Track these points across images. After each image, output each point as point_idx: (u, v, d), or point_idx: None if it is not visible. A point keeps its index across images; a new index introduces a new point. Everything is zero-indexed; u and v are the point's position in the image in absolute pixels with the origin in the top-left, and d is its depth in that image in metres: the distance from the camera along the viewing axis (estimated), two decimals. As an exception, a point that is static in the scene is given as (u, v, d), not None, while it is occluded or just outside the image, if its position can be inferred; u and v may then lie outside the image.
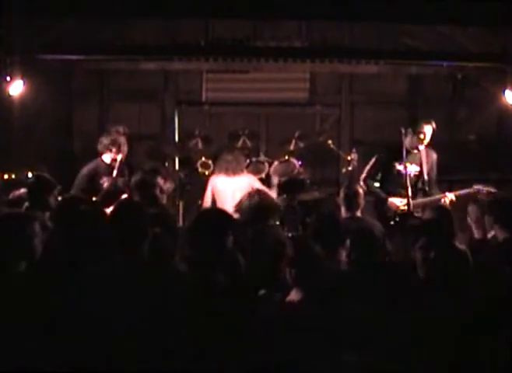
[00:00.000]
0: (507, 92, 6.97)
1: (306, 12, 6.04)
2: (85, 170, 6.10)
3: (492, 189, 5.60)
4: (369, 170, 6.01)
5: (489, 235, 4.57)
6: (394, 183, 5.87)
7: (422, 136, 5.82)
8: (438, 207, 4.87)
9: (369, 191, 5.69)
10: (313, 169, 8.02)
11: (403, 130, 5.74)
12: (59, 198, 4.92)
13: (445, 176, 6.45)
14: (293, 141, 7.80)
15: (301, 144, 7.81)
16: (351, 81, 9.18)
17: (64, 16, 6.79)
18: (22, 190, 5.16)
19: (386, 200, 5.79)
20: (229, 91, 9.02)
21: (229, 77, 8.95)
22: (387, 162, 5.92)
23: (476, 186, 5.62)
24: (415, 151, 5.89)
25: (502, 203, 4.34)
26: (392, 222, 5.75)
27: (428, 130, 5.85)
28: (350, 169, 7.46)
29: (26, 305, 3.08)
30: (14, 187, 5.48)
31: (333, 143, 7.81)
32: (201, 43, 8.32)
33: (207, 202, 6.75)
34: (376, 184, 5.95)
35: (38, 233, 3.34)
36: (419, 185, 5.85)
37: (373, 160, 6.04)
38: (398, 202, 5.78)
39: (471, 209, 4.65)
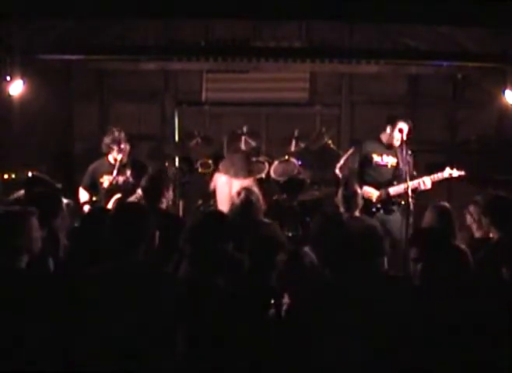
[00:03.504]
0: (507, 92, 6.97)
1: (306, 12, 6.02)
2: (89, 168, 6.28)
3: (463, 173, 5.91)
4: (346, 159, 6.30)
5: (491, 235, 4.56)
6: (373, 173, 6.18)
7: (396, 133, 6.05)
8: (438, 207, 4.86)
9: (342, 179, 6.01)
10: (313, 169, 8.02)
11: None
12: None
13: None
14: (293, 141, 7.81)
15: (301, 144, 7.82)
16: (351, 81, 9.18)
17: (64, 16, 6.78)
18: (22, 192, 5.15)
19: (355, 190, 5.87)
20: (229, 91, 9.02)
21: (229, 77, 8.95)
22: (365, 153, 6.21)
23: (448, 171, 5.93)
24: (392, 146, 6.16)
25: (497, 202, 4.34)
26: (374, 209, 6.03)
27: (403, 126, 6.04)
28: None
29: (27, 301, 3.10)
30: (14, 187, 5.48)
31: (333, 143, 7.81)
32: (201, 43, 8.34)
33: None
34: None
35: (37, 228, 3.34)
36: (396, 174, 6.12)
37: (351, 150, 6.33)
38: (372, 190, 6.07)
39: (473, 209, 4.64)
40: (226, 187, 6.59)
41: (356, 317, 3.29)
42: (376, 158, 6.19)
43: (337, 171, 6.30)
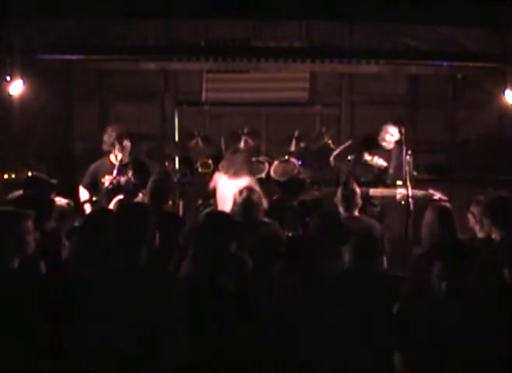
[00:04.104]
0: (507, 92, 6.97)
1: (306, 12, 6.03)
2: (91, 167, 6.23)
3: (444, 197, 5.99)
4: (342, 150, 6.61)
5: (493, 236, 4.55)
6: (361, 169, 6.40)
7: (387, 136, 6.32)
8: (438, 207, 4.85)
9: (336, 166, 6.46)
10: (313, 169, 8.01)
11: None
12: (56, 198, 4.96)
13: (445, 176, 6.46)
14: (293, 141, 7.81)
15: (301, 144, 7.82)
16: (351, 81, 9.18)
17: (64, 16, 6.79)
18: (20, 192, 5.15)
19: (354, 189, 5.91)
20: (229, 91, 9.02)
21: (229, 77, 8.95)
22: (359, 150, 6.45)
23: (431, 191, 6.06)
24: (387, 147, 6.40)
25: (497, 203, 4.33)
26: None
27: (393, 131, 6.33)
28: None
29: (19, 301, 3.10)
30: (14, 187, 5.48)
31: (333, 143, 7.81)
32: (201, 43, 8.33)
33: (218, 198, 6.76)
34: None
35: (31, 230, 3.34)
36: (382, 177, 6.36)
37: (348, 143, 6.65)
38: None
39: (475, 209, 4.63)
40: (227, 187, 6.56)
41: (355, 316, 3.29)
42: (366, 156, 6.36)
43: (331, 159, 6.64)
